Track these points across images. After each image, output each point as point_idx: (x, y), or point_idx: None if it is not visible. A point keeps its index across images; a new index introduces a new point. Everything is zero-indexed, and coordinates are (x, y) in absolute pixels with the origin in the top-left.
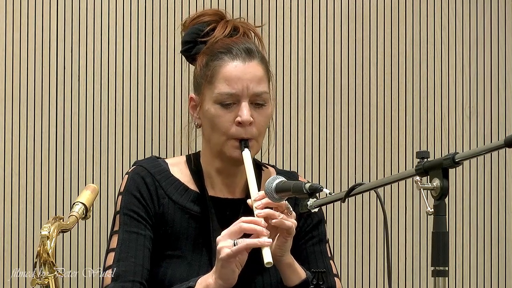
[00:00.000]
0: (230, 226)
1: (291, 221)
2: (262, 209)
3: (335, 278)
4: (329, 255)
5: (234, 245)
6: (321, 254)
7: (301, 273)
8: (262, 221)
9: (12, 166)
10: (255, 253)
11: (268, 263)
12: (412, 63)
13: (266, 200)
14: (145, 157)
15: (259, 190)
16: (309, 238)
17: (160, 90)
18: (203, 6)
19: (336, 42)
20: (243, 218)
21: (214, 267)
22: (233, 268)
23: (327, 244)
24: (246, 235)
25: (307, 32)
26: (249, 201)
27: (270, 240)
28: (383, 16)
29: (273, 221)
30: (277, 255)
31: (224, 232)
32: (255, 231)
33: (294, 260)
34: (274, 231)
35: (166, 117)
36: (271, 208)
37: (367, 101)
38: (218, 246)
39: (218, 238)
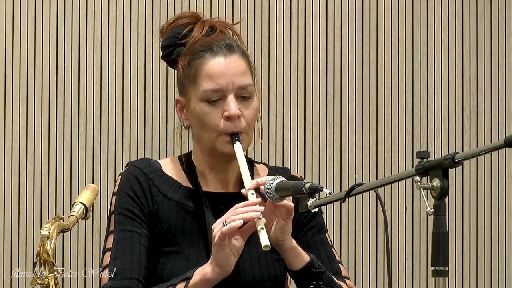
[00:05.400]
0: (225, 214)
1: (291, 202)
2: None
3: (339, 265)
4: (330, 243)
5: (224, 225)
6: (322, 243)
7: (305, 257)
8: (256, 205)
9: (12, 166)
10: (250, 244)
11: (265, 246)
12: (412, 63)
13: (262, 189)
14: (138, 158)
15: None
16: (308, 229)
17: (160, 90)
18: (203, 6)
19: (336, 42)
20: (237, 205)
21: (211, 255)
22: (228, 254)
23: (326, 233)
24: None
25: (307, 32)
26: (243, 190)
27: (259, 213)
28: (383, 16)
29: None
30: (278, 239)
31: (218, 220)
32: (248, 208)
33: (296, 244)
34: (272, 217)
35: (166, 117)
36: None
37: (367, 101)
38: (213, 233)
39: (213, 225)
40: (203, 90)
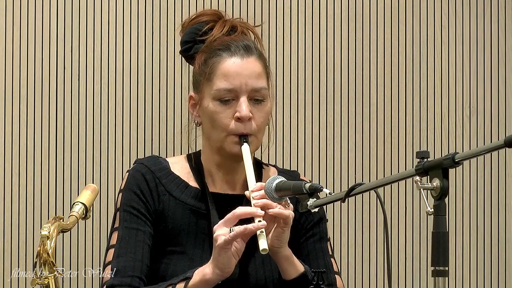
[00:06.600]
0: (226, 216)
1: (288, 211)
2: (259, 199)
3: (336, 276)
4: (330, 252)
5: (230, 231)
6: (321, 251)
7: (299, 267)
8: (258, 210)
9: (12, 166)
10: (254, 247)
11: (263, 250)
12: (412, 63)
13: (264, 191)
14: (146, 156)
15: None
16: (310, 236)
17: (160, 90)
18: (203, 6)
19: (336, 42)
20: (240, 207)
21: (212, 257)
22: (229, 256)
23: (328, 242)
24: (243, 223)
25: (307, 32)
26: (246, 192)
27: (265, 222)
28: (383, 16)
29: (270, 210)
30: (274, 247)
31: (220, 221)
32: (249, 213)
33: (292, 254)
34: (272, 223)
35: (166, 117)
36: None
37: (367, 101)
38: (215, 234)
39: (215, 227)
40: (217, 88)
